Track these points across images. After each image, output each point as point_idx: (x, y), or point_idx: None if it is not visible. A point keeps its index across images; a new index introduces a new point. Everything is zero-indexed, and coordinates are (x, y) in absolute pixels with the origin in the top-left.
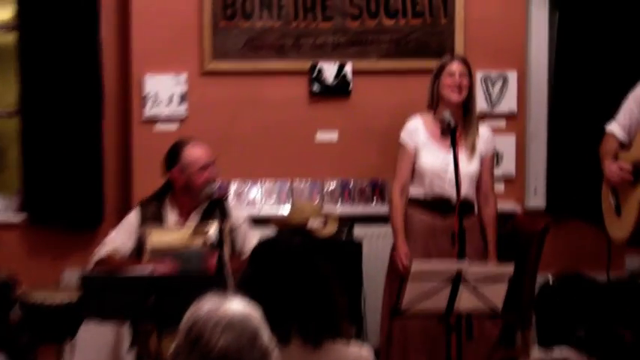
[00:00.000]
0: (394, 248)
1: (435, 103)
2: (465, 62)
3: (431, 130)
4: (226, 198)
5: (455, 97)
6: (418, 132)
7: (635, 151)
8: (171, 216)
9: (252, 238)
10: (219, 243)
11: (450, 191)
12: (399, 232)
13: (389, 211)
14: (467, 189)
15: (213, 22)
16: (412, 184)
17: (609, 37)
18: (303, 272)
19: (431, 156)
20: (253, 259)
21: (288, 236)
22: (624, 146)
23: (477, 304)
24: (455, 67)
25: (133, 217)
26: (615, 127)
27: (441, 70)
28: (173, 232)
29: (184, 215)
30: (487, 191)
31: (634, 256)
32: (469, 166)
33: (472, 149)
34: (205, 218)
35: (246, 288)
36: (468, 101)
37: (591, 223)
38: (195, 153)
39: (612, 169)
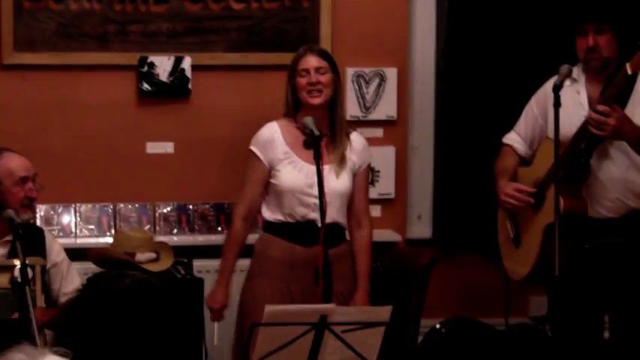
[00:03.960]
0: (210, 294)
1: (291, 108)
2: (322, 54)
3: (291, 139)
4: (39, 227)
5: (315, 99)
6: (274, 143)
7: (538, 167)
8: None
9: (72, 279)
10: (23, 280)
11: (316, 214)
12: (225, 270)
13: (225, 237)
14: (336, 211)
15: (15, 3)
16: (267, 205)
17: (511, 29)
18: (136, 319)
19: (292, 171)
20: (82, 302)
21: (119, 275)
22: (526, 162)
23: (345, 357)
24: (310, 61)
25: None
26: (514, 139)
27: (293, 68)
28: None
29: None
30: (360, 212)
31: (540, 297)
32: (338, 183)
33: (341, 161)
34: (15, 251)
35: (68, 339)
36: (334, 103)
37: (488, 256)
38: (11, 162)
39: (507, 191)
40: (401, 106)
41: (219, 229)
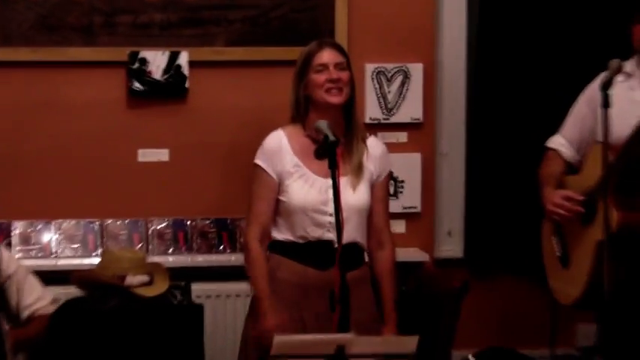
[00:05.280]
0: (255, 322)
1: (301, 112)
2: (339, 49)
3: (300, 149)
4: None
5: (335, 98)
6: (282, 154)
7: (588, 174)
8: None
9: (31, 289)
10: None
11: (333, 234)
12: (263, 297)
13: (245, 265)
14: (354, 229)
15: None
16: (276, 224)
17: (553, 19)
18: (122, 347)
19: (303, 186)
20: (53, 329)
21: (101, 297)
22: (573, 169)
23: None
24: (328, 56)
25: None
26: (560, 142)
27: (306, 63)
28: None
29: None
30: (380, 228)
31: (588, 325)
32: (355, 197)
33: (358, 171)
34: None
35: None
36: (350, 104)
37: (529, 278)
38: None
39: (555, 200)
40: (428, 107)
41: (221, 248)
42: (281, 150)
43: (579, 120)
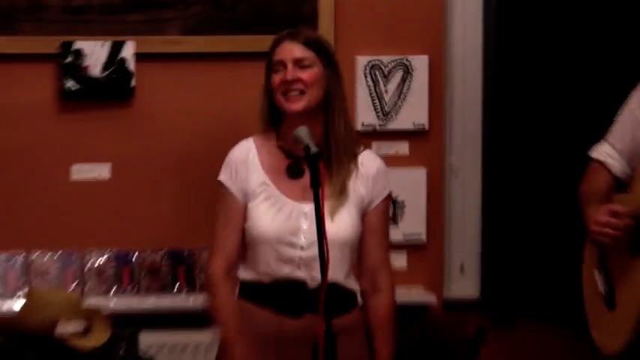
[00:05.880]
0: None
1: (266, 119)
2: (308, 41)
3: (271, 164)
4: None
5: (292, 104)
6: (249, 169)
7: None
8: None
9: None
10: None
11: (305, 272)
12: (232, 342)
13: (208, 304)
14: (334, 267)
15: None
16: (242, 261)
17: (586, 3)
18: None
19: (268, 211)
20: None
21: (15, 349)
22: (621, 185)
23: None
24: (287, 50)
25: None
26: (607, 152)
27: (268, 62)
28: None
29: None
30: (375, 267)
31: None
32: (334, 227)
33: (339, 196)
34: None
35: None
36: (328, 109)
37: (562, 324)
38: None
39: (599, 218)
40: (434, 111)
41: (176, 287)
42: (247, 164)
43: (629, 125)
